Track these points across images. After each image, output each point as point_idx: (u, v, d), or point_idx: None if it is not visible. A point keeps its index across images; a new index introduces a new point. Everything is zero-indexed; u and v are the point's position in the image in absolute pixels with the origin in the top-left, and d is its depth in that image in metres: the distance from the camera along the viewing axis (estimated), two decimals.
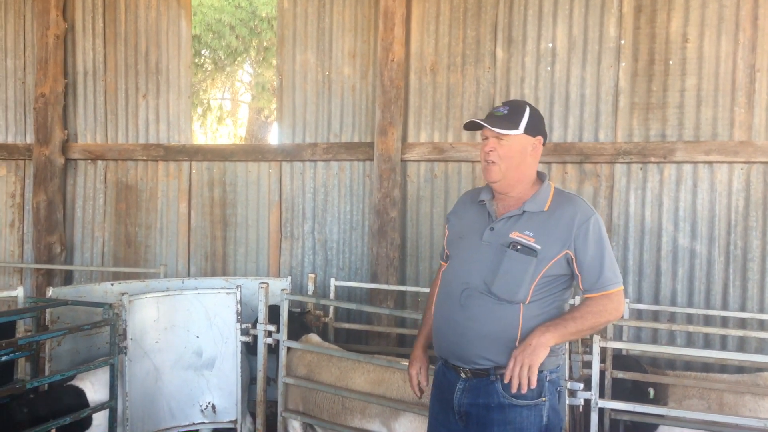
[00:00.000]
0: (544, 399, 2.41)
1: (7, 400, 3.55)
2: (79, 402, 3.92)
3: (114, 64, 6.40)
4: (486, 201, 2.62)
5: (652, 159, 5.04)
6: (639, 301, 5.09)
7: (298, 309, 5.02)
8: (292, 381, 4.19)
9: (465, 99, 5.51)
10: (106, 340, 4.29)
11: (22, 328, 4.17)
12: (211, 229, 6.23)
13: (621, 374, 4.03)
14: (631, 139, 5.14)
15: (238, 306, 4.42)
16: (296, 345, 4.25)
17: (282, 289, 4.25)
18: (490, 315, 2.41)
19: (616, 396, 3.90)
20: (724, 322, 4.92)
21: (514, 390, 2.30)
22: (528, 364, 2.27)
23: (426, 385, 2.80)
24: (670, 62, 5.05)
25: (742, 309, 4.91)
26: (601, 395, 3.73)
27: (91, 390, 4.00)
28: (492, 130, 2.48)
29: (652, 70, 5.09)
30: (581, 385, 3.46)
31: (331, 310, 5.29)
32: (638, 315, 5.04)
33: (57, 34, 6.34)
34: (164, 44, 6.30)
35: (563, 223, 2.44)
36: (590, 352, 3.66)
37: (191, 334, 4.47)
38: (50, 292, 4.45)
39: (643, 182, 5.13)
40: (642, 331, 5.11)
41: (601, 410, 3.80)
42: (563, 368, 3.34)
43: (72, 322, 4.33)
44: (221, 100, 17.28)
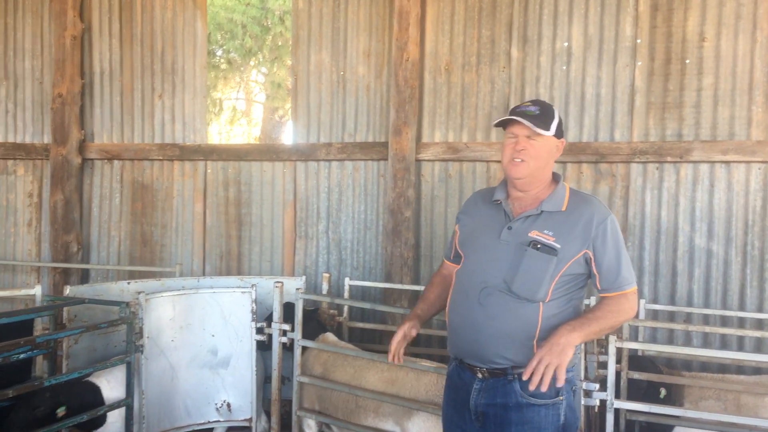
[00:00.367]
0: (561, 398, 2.41)
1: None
2: (94, 398, 3.94)
3: (130, 65, 6.45)
4: (502, 200, 2.62)
5: (669, 159, 5.00)
6: (655, 301, 5.06)
7: (311, 308, 5.04)
8: (306, 380, 4.20)
9: (480, 99, 5.50)
10: (123, 339, 4.33)
11: (39, 326, 4.21)
12: (226, 228, 6.26)
13: (637, 375, 4.01)
14: (647, 138, 5.11)
15: (254, 305, 4.44)
16: (311, 344, 4.26)
17: (297, 289, 4.26)
18: (510, 313, 2.42)
19: (631, 397, 3.88)
20: (741, 322, 4.88)
21: (532, 387, 2.26)
22: (556, 364, 2.24)
23: (406, 342, 2.78)
24: (687, 61, 5.01)
25: (760, 310, 4.87)
26: (617, 396, 3.71)
27: (107, 387, 4.03)
28: (532, 128, 2.47)
29: (669, 69, 5.06)
30: (597, 386, 3.44)
31: (346, 309, 5.30)
32: (654, 315, 5.01)
33: (74, 35, 6.40)
34: (180, 44, 6.34)
35: (582, 223, 2.45)
36: (606, 353, 3.64)
37: (207, 332, 4.49)
38: (67, 290, 4.49)
39: (660, 182, 5.10)
40: (657, 331, 5.08)
41: (617, 411, 3.78)
42: (578, 367, 3.35)
43: (89, 321, 4.37)
44: (235, 100, 17.35)
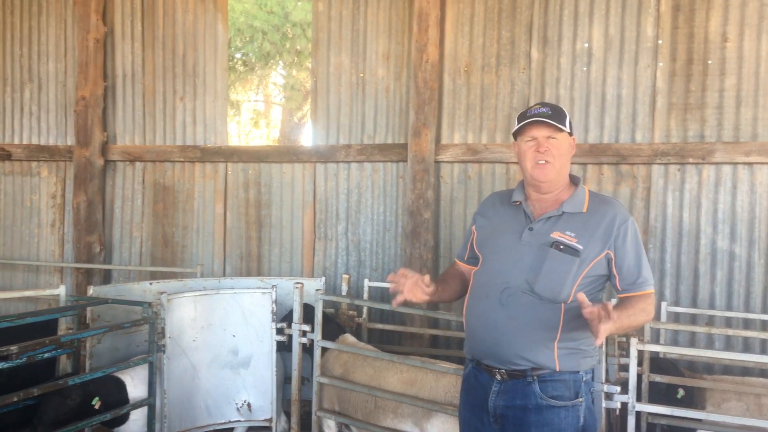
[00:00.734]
0: (580, 399, 2.41)
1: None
2: (120, 394, 4.01)
3: (152, 67, 6.51)
4: (521, 201, 2.63)
5: (691, 160, 4.96)
6: (676, 304, 5.02)
7: (331, 309, 5.06)
8: (326, 381, 4.21)
9: (499, 100, 5.49)
10: (145, 338, 4.38)
11: (64, 326, 4.27)
12: (246, 229, 6.30)
13: (658, 378, 3.98)
14: (669, 140, 5.07)
15: (274, 306, 4.47)
16: (330, 345, 4.28)
17: (316, 290, 4.28)
18: (532, 314, 2.42)
19: (653, 399, 3.86)
20: (764, 325, 4.83)
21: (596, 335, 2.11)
22: (606, 331, 2.10)
23: (411, 282, 2.63)
24: (709, 62, 4.97)
25: None
26: (638, 398, 3.69)
27: (131, 384, 4.08)
28: (555, 125, 2.49)
29: (691, 70, 5.02)
30: (618, 388, 3.42)
31: (365, 310, 5.31)
32: (675, 318, 4.98)
33: (97, 38, 6.48)
34: (201, 47, 6.39)
35: (604, 225, 2.46)
36: (627, 355, 3.62)
37: (227, 333, 4.52)
38: (91, 290, 4.54)
39: (681, 184, 5.06)
40: (679, 334, 5.04)
41: (638, 414, 3.76)
42: (599, 370, 3.33)
43: (112, 321, 4.42)
44: (254, 102, 17.46)
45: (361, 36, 5.90)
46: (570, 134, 2.58)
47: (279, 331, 4.44)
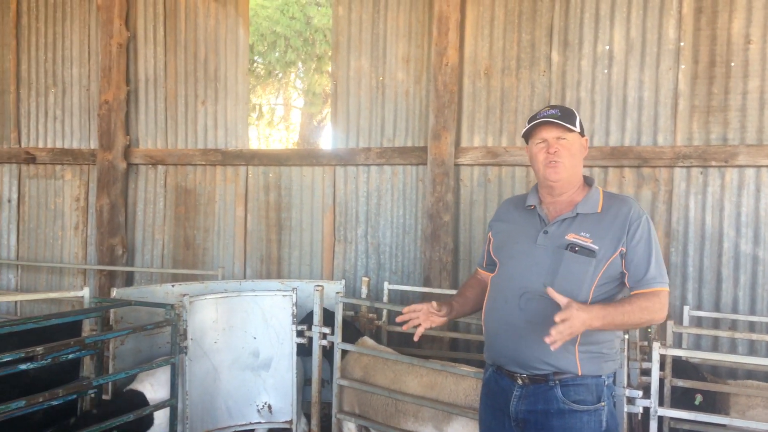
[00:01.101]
0: (603, 404, 2.40)
1: (74, 396, 3.68)
2: (141, 404, 4.04)
3: (174, 72, 6.58)
4: (535, 205, 2.63)
5: (713, 163, 4.92)
6: (699, 308, 4.97)
7: (351, 312, 5.07)
8: (346, 383, 4.22)
9: (519, 103, 5.48)
10: (167, 340, 4.41)
11: (88, 328, 4.32)
12: (267, 232, 6.34)
13: (681, 382, 3.95)
14: (691, 142, 5.03)
15: (294, 308, 4.48)
16: (350, 347, 4.29)
17: (337, 292, 4.30)
18: (552, 318, 2.40)
19: (675, 404, 3.82)
20: None
21: (549, 341, 2.18)
22: (567, 334, 2.18)
23: (426, 313, 2.67)
24: (732, 64, 4.92)
25: None
26: (661, 403, 3.66)
27: (150, 390, 4.11)
28: (564, 125, 2.49)
29: (713, 73, 4.97)
30: (640, 393, 3.40)
31: (385, 313, 5.31)
32: (698, 322, 4.93)
33: (120, 42, 6.56)
34: (222, 52, 6.45)
35: (618, 222, 2.45)
36: (649, 360, 3.60)
37: (248, 335, 4.55)
38: (114, 292, 4.60)
39: (704, 187, 5.01)
40: (702, 338, 5.00)
41: (660, 418, 3.72)
42: (621, 374, 3.31)
43: (135, 322, 4.46)
44: (274, 105, 17.56)
45: (381, 40, 5.92)
46: (581, 135, 2.58)
47: (299, 334, 4.46)
